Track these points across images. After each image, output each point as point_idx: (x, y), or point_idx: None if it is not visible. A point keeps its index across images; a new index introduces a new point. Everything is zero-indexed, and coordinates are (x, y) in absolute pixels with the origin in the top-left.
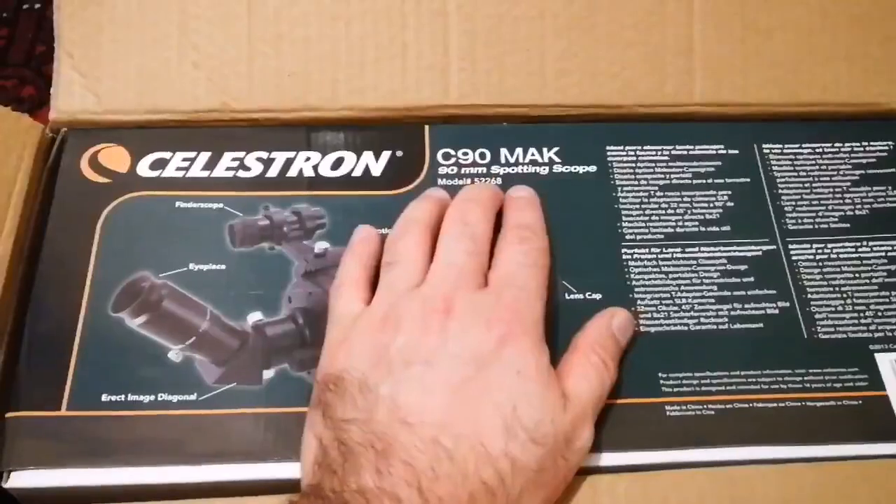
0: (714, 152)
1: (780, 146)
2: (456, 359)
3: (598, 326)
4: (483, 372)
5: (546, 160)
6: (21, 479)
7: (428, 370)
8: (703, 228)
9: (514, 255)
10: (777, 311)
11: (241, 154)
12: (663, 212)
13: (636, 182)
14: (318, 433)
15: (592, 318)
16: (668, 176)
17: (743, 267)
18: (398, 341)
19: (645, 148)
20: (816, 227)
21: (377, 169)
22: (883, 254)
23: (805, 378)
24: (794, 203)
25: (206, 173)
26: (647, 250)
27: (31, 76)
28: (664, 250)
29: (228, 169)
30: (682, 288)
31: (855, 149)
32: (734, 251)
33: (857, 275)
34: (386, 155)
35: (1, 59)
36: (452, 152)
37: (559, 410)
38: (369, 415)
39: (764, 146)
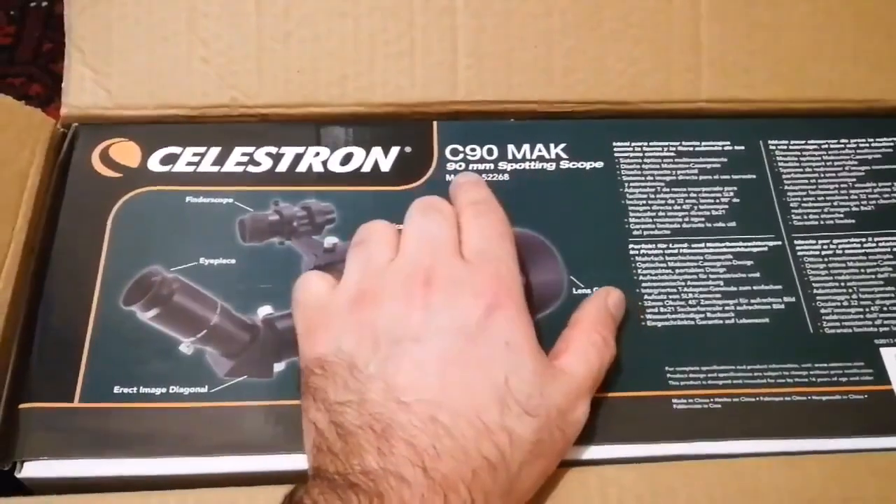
0: (720, 148)
1: (786, 142)
2: (444, 332)
3: (596, 305)
4: (472, 344)
5: (553, 156)
6: (34, 469)
7: (417, 346)
8: (709, 224)
9: (477, 228)
10: (783, 306)
11: (250, 149)
12: (670, 207)
13: (643, 178)
14: (312, 418)
15: (588, 298)
16: (674, 172)
17: (749, 262)
18: (382, 317)
19: (651, 144)
20: (822, 222)
21: (386, 164)
22: (888, 249)
23: (811, 372)
24: (799, 199)
25: (216, 168)
26: (653, 245)
27: (38, 74)
28: (671, 246)
29: (238, 164)
30: (689, 283)
31: (860, 145)
32: (740, 247)
33: (862, 270)
34: (395, 151)
35: (8, 57)
36: (460, 148)
37: (549, 380)
38: (362, 396)
39: (770, 142)
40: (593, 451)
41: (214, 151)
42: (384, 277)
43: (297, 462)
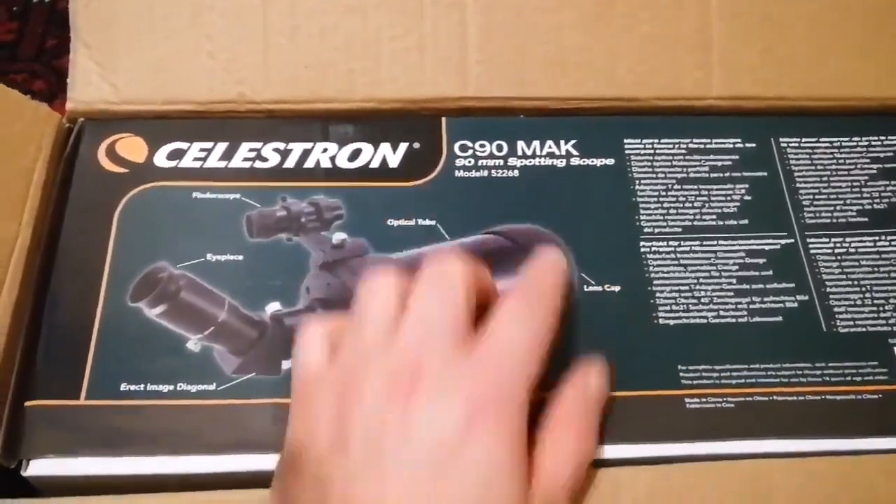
0: (731, 146)
1: (798, 140)
2: (418, 445)
3: (574, 396)
4: (445, 464)
5: (563, 153)
6: (40, 468)
7: (385, 460)
8: (721, 222)
9: (511, 314)
10: (796, 305)
11: (258, 145)
12: (681, 205)
13: (654, 175)
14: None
15: (566, 385)
16: (685, 169)
17: (761, 260)
18: (357, 416)
19: (662, 141)
20: (835, 220)
21: (394, 160)
22: None
23: (825, 371)
24: (811, 197)
25: (223, 164)
26: (665, 243)
27: (41, 70)
28: (682, 243)
29: (245, 160)
30: (701, 281)
31: (873, 143)
32: (752, 244)
33: (875, 268)
34: (403, 147)
35: (11, 53)
36: (470, 144)
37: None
38: (322, 500)
39: (781, 140)
40: (605, 452)
41: (221, 147)
42: (370, 368)
43: None
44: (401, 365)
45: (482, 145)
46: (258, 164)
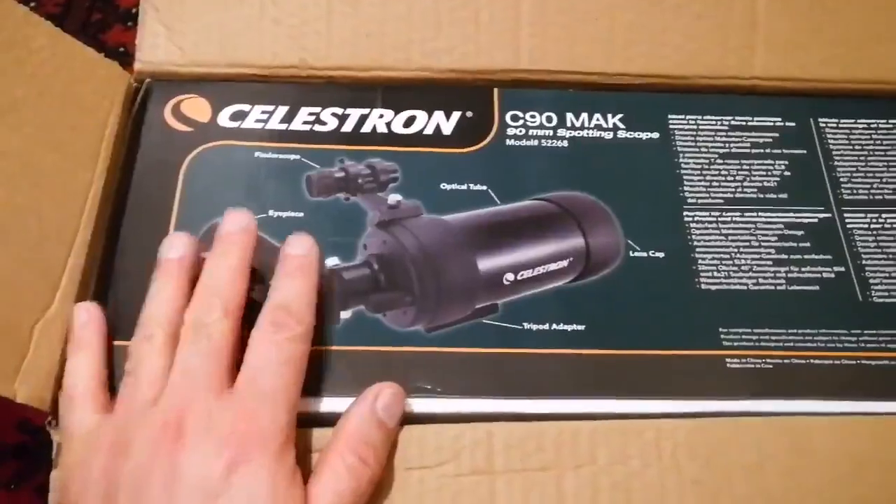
0: (772, 124)
1: (836, 121)
2: (184, 491)
3: (359, 415)
4: None
5: (611, 126)
6: None
7: None
8: (761, 195)
9: (265, 348)
10: (833, 276)
11: (317, 109)
12: (723, 178)
13: (697, 149)
14: None
15: (354, 403)
16: (727, 144)
17: (799, 232)
18: (126, 471)
19: (705, 117)
20: (871, 197)
21: (448, 128)
22: None
23: (860, 338)
24: (849, 175)
25: (283, 126)
26: (707, 213)
27: (87, 43)
28: (724, 214)
29: (305, 123)
30: (742, 250)
31: None
32: (791, 217)
33: None
34: (456, 115)
35: (57, 26)
36: (520, 114)
37: None
38: None
39: (820, 120)
40: (649, 406)
41: (282, 110)
42: (140, 425)
43: None
44: (165, 420)
45: (532, 116)
46: (317, 128)
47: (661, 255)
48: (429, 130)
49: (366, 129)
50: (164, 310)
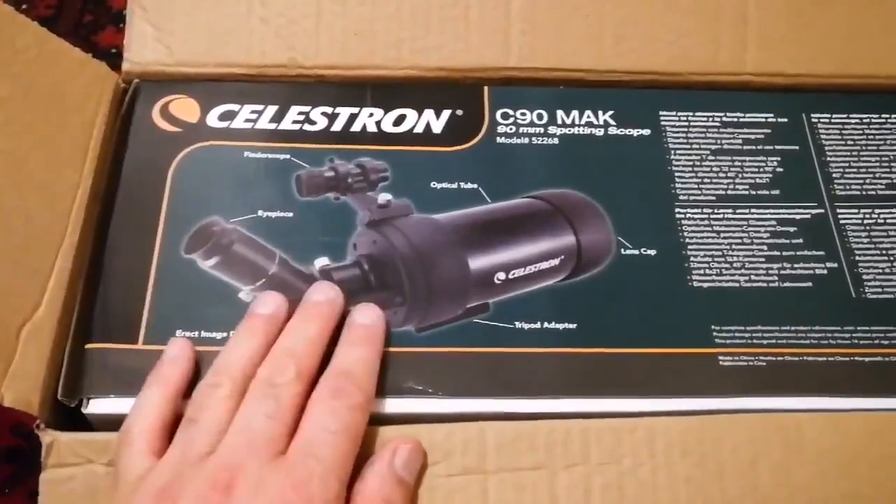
0: (764, 120)
1: (829, 116)
2: None
3: (379, 475)
4: None
5: (601, 122)
6: (99, 406)
7: None
8: (753, 191)
9: (322, 415)
10: (825, 272)
11: (306, 108)
12: (715, 175)
13: (688, 146)
14: None
15: (372, 460)
16: (719, 141)
17: (792, 229)
18: None
19: (697, 114)
20: (864, 193)
21: (438, 126)
22: None
23: (853, 335)
24: (841, 170)
25: (273, 126)
26: (699, 210)
27: (79, 45)
28: (716, 210)
29: (294, 122)
30: (734, 247)
31: None
32: (784, 213)
33: None
34: (446, 114)
35: (49, 28)
36: (511, 112)
37: None
38: None
39: (812, 116)
40: (642, 404)
41: (271, 110)
42: (191, 476)
43: None
44: (217, 475)
45: (523, 114)
46: (307, 127)
47: (652, 252)
48: (419, 129)
49: (355, 128)
50: (239, 363)
